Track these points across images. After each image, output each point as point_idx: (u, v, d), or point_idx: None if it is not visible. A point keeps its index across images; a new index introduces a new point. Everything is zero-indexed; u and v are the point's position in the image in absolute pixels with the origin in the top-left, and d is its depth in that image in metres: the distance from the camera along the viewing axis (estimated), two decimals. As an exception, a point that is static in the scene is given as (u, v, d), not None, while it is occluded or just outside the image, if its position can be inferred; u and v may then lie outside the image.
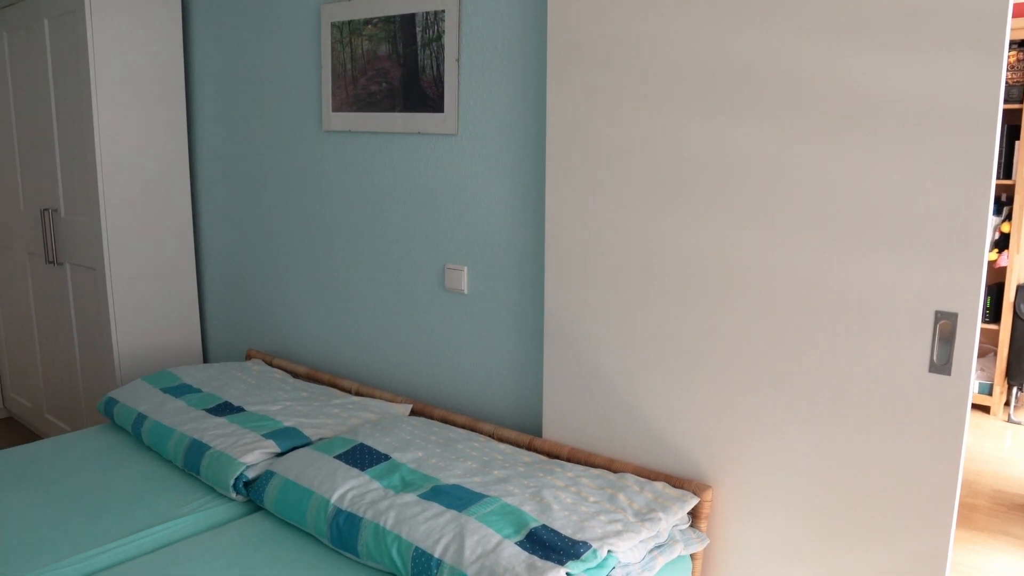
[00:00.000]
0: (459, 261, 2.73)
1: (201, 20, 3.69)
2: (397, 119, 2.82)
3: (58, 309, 4.10)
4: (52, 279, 4.11)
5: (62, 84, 3.73)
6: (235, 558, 2.14)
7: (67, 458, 2.84)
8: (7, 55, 4.18)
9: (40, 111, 3.94)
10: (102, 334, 3.73)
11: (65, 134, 3.77)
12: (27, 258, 4.34)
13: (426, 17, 2.68)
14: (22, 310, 4.52)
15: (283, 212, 3.40)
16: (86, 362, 3.94)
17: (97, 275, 3.68)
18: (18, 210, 4.34)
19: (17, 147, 4.25)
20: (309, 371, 3.22)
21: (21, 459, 2.84)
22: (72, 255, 3.86)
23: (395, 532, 2.01)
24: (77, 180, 3.73)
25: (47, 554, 2.21)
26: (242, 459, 2.45)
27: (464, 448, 2.38)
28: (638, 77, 2.16)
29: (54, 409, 4.38)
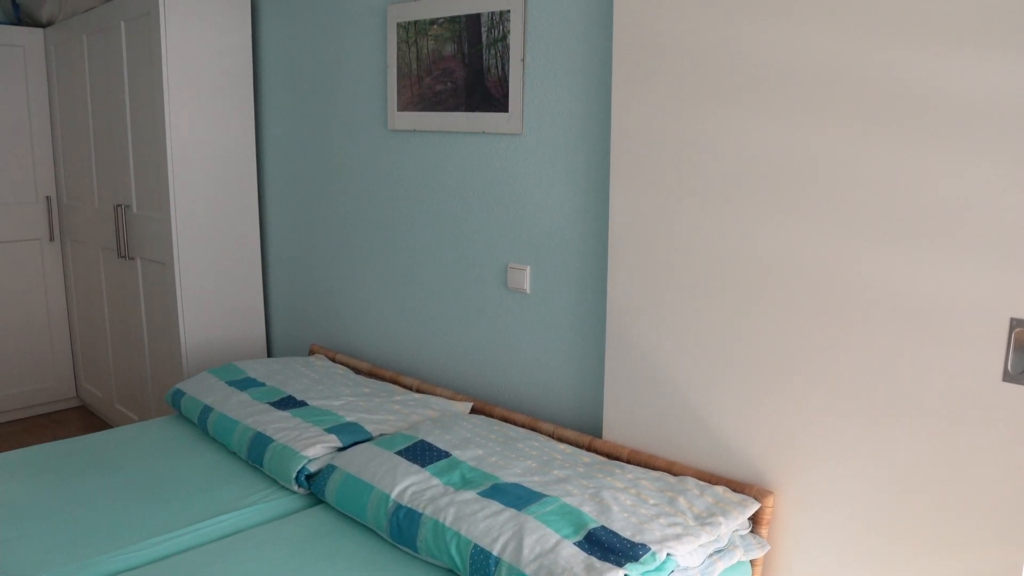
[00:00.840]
0: (522, 260, 2.74)
1: (270, 21, 3.76)
2: (461, 118, 2.84)
3: (129, 303, 4.21)
4: (124, 273, 4.22)
5: (136, 84, 3.83)
6: (296, 549, 2.17)
7: (136, 447, 2.91)
8: (86, 57, 4.31)
9: (115, 110, 4.05)
10: (170, 327, 3.82)
11: (138, 132, 3.87)
12: (100, 253, 4.46)
13: (491, 17, 2.69)
14: (95, 303, 4.65)
15: (348, 210, 3.44)
16: (155, 354, 4.04)
17: (166, 270, 3.77)
18: (93, 206, 4.46)
19: (93, 145, 4.37)
20: (371, 367, 3.25)
21: (93, 447, 2.93)
22: (143, 250, 3.96)
23: (454, 529, 2.02)
24: (149, 177, 3.83)
25: (117, 538, 2.27)
26: (304, 452, 2.49)
27: (524, 447, 2.38)
28: (705, 77, 2.13)
29: (124, 399, 4.49)
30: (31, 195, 4.94)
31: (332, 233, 3.54)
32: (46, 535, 2.30)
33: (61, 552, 2.21)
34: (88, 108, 4.37)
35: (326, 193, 3.55)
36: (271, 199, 3.92)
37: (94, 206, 4.45)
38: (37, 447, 2.95)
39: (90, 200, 4.49)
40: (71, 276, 4.98)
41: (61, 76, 4.68)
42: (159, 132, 3.67)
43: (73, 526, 2.35)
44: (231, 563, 2.10)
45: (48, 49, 4.81)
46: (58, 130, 4.84)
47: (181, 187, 3.67)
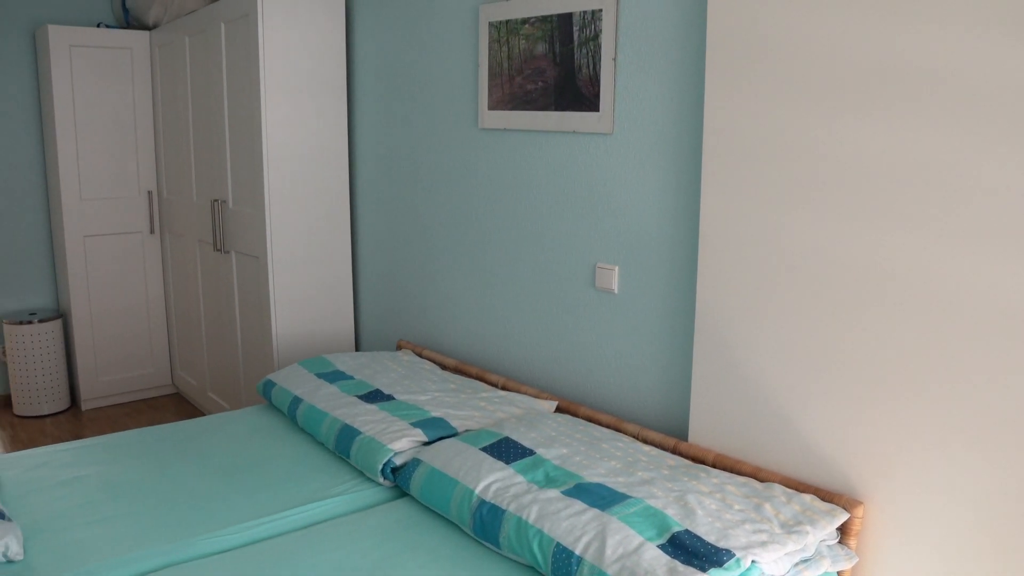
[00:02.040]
0: (610, 260, 2.73)
1: (363, 22, 3.82)
2: (552, 118, 2.84)
3: (223, 295, 4.34)
4: (219, 266, 4.34)
5: (235, 83, 3.94)
6: (380, 540, 2.21)
7: (227, 434, 3.00)
8: (188, 58, 4.45)
9: (214, 109, 4.18)
10: (262, 319, 3.92)
11: (236, 130, 3.98)
12: (197, 246, 4.61)
13: (583, 16, 2.69)
14: (191, 295, 4.81)
15: (437, 207, 3.48)
16: (247, 345, 4.15)
17: (260, 263, 3.87)
18: (191, 201, 4.61)
19: (193, 142, 4.52)
20: (458, 363, 3.28)
21: (187, 433, 3.03)
22: (238, 244, 4.07)
23: (537, 526, 2.03)
24: (245, 173, 3.94)
25: (209, 522, 2.35)
26: (391, 446, 2.53)
27: (608, 447, 2.37)
28: (800, 77, 2.09)
29: (216, 388, 4.63)
30: (134, 190, 5.13)
31: (422, 230, 3.59)
32: (144, 515, 2.39)
33: (158, 531, 2.29)
34: (188, 107, 4.52)
35: (416, 190, 3.59)
36: (362, 196, 3.99)
37: (192, 201, 4.60)
38: (136, 431, 3.06)
39: (188, 195, 4.65)
40: (169, 268, 5.16)
41: (164, 76, 4.86)
42: (255, 130, 3.77)
43: (168, 507, 2.43)
44: (317, 551, 2.15)
45: (153, 51, 4.99)
46: (160, 128, 5.02)
47: (275, 183, 3.77)
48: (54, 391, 5.06)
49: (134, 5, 4.98)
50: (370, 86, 3.84)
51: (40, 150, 5.19)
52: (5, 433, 4.80)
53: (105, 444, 2.94)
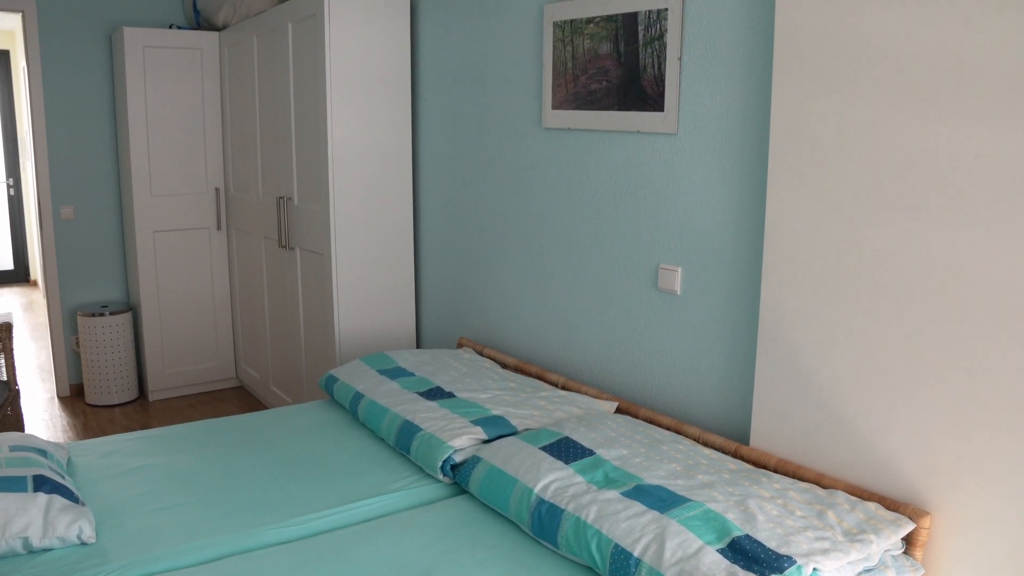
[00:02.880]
0: (673, 261, 2.71)
1: (428, 21, 3.85)
2: (616, 117, 2.83)
3: (287, 290, 4.41)
4: (283, 262, 4.42)
5: (301, 82, 4.00)
6: (439, 536, 2.22)
7: (290, 428, 3.05)
8: (255, 57, 4.53)
9: (281, 107, 4.25)
10: (325, 315, 3.97)
11: (302, 128, 4.04)
12: (263, 242, 4.69)
13: (648, 15, 2.67)
14: (256, 290, 4.90)
15: (499, 206, 3.49)
16: (309, 340, 4.21)
17: (324, 260, 3.93)
18: (257, 198, 4.70)
19: (259, 141, 4.60)
20: (518, 362, 3.29)
21: (251, 425, 3.08)
22: (302, 240, 4.13)
23: (596, 527, 2.02)
24: (310, 171, 3.99)
25: (271, 512, 2.39)
26: (451, 443, 2.54)
27: (669, 450, 2.36)
28: (873, 74, 2.05)
29: (279, 382, 4.71)
30: (202, 186, 5.25)
31: (483, 229, 3.60)
32: (209, 504, 2.44)
33: (221, 521, 2.34)
34: (256, 105, 4.60)
35: (478, 189, 3.61)
36: (425, 194, 4.02)
37: (258, 198, 4.68)
38: (201, 422, 3.13)
39: (254, 192, 4.73)
40: (235, 263, 5.26)
41: (233, 76, 4.95)
42: (321, 128, 3.82)
43: (232, 498, 2.48)
44: (376, 545, 2.17)
45: (222, 51, 5.09)
46: (228, 126, 5.12)
47: (340, 181, 3.81)
48: (123, 382, 5.20)
49: (205, 6, 5.09)
50: (434, 85, 3.86)
51: (114, 148, 5.34)
52: (77, 421, 4.95)
53: (172, 434, 3.01)
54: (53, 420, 4.99)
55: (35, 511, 2.17)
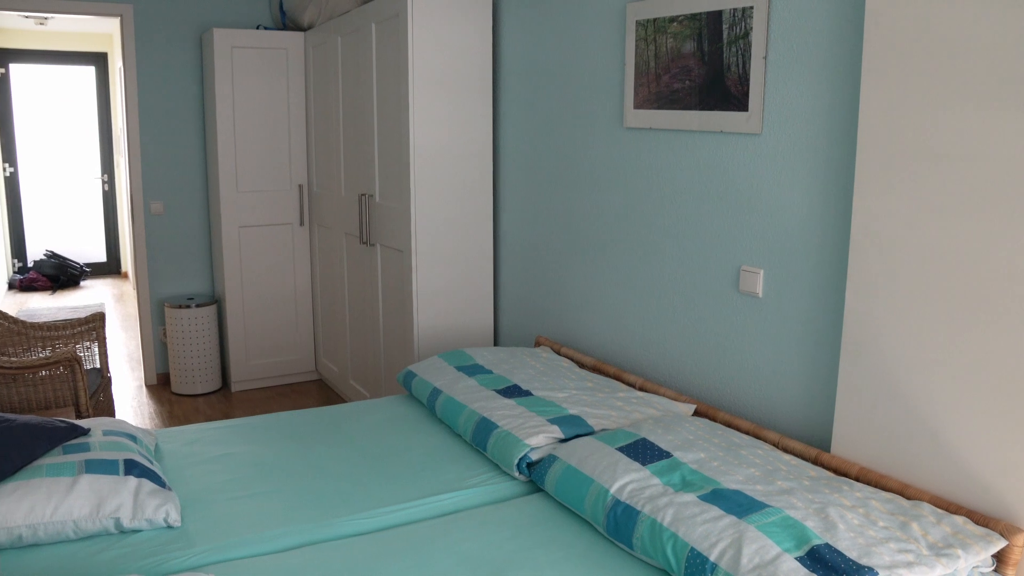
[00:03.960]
0: (755, 263, 2.67)
1: (510, 21, 3.87)
2: (698, 117, 2.80)
3: (367, 286, 4.48)
4: (364, 258, 4.49)
5: (384, 82, 4.05)
6: (513, 533, 2.23)
7: (368, 422, 3.10)
8: (339, 57, 4.62)
9: (363, 106, 4.31)
10: (404, 311, 4.02)
11: (384, 127, 4.10)
12: (344, 238, 4.78)
13: (733, 14, 2.64)
14: (337, 285, 4.98)
15: (579, 206, 3.48)
16: (388, 336, 4.27)
17: (404, 257, 3.97)
18: (339, 195, 4.78)
19: (342, 139, 4.68)
20: (595, 362, 3.28)
21: (330, 418, 3.14)
22: (383, 237, 4.19)
23: (672, 530, 2.00)
24: (392, 169, 4.05)
25: (349, 504, 2.43)
26: (527, 441, 2.55)
27: (747, 454, 2.32)
28: (966, 74, 1.99)
29: (358, 376, 4.78)
30: (286, 183, 5.36)
31: (563, 228, 3.60)
32: (288, 494, 2.50)
33: (300, 511, 2.39)
34: (339, 104, 4.68)
35: (559, 188, 3.61)
36: (505, 193, 4.04)
37: (340, 195, 4.76)
38: (282, 414, 3.20)
39: (337, 189, 4.82)
40: (316, 259, 5.36)
41: (317, 75, 5.05)
42: (403, 127, 3.87)
43: (311, 488, 2.53)
44: (452, 540, 2.19)
45: (307, 51, 5.20)
46: (312, 125, 5.23)
47: (421, 179, 3.86)
48: (207, 372, 5.35)
49: (291, 7, 5.20)
50: (515, 84, 3.88)
51: (202, 146, 5.50)
52: (163, 409, 5.11)
53: (253, 425, 3.08)
54: (141, 407, 5.16)
55: (126, 494, 2.25)
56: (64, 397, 3.78)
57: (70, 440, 2.47)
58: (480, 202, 4.01)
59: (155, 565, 2.10)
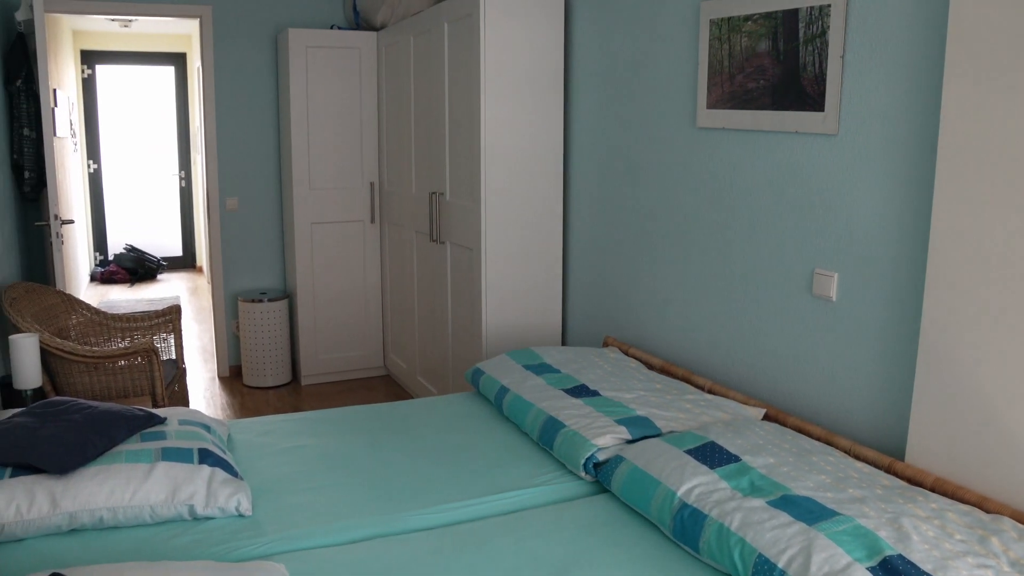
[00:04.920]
0: (829, 267, 2.62)
1: (582, 20, 3.86)
2: (773, 117, 2.76)
3: (437, 283, 4.51)
4: (434, 256, 4.52)
5: (456, 81, 4.08)
6: (578, 533, 2.23)
7: (436, 418, 3.12)
8: (411, 56, 4.66)
9: (435, 105, 4.35)
10: (473, 309, 4.04)
11: (455, 126, 4.12)
12: (414, 236, 4.82)
13: (810, 12, 2.59)
14: (406, 282, 5.04)
15: (650, 206, 3.46)
16: (457, 333, 4.30)
17: (473, 255, 4.00)
18: (410, 193, 4.83)
19: (414, 137, 4.73)
20: (664, 364, 3.25)
21: (398, 413, 3.18)
22: (453, 235, 4.22)
23: (739, 535, 1.98)
24: (462, 167, 4.07)
25: (416, 499, 2.45)
26: (594, 441, 2.54)
27: (818, 460, 2.28)
28: (1058, 75, 1.92)
29: (425, 372, 4.83)
30: (357, 181, 5.44)
31: (633, 228, 3.58)
32: (356, 487, 2.53)
33: (367, 504, 2.42)
34: (411, 103, 4.73)
35: (629, 188, 3.59)
36: (575, 192, 4.03)
37: (411, 193, 4.81)
38: (351, 408, 3.25)
39: (408, 187, 4.87)
40: (387, 256, 5.43)
41: (389, 74, 5.11)
42: (474, 126, 3.89)
43: (378, 482, 2.56)
44: (517, 538, 2.20)
45: (380, 50, 5.26)
46: (384, 123, 5.29)
47: (492, 178, 3.87)
48: (278, 365, 5.45)
49: (364, 7, 5.27)
50: (587, 84, 3.87)
51: (276, 144, 5.61)
52: (235, 400, 5.22)
53: (323, 418, 3.13)
54: (213, 398, 5.28)
55: (200, 482, 2.31)
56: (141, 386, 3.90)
57: (148, 428, 2.55)
58: (550, 201, 4.01)
59: (226, 552, 2.15)
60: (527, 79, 3.88)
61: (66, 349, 3.67)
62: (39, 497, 2.18)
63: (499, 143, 3.86)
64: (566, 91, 4.03)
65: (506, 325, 4.00)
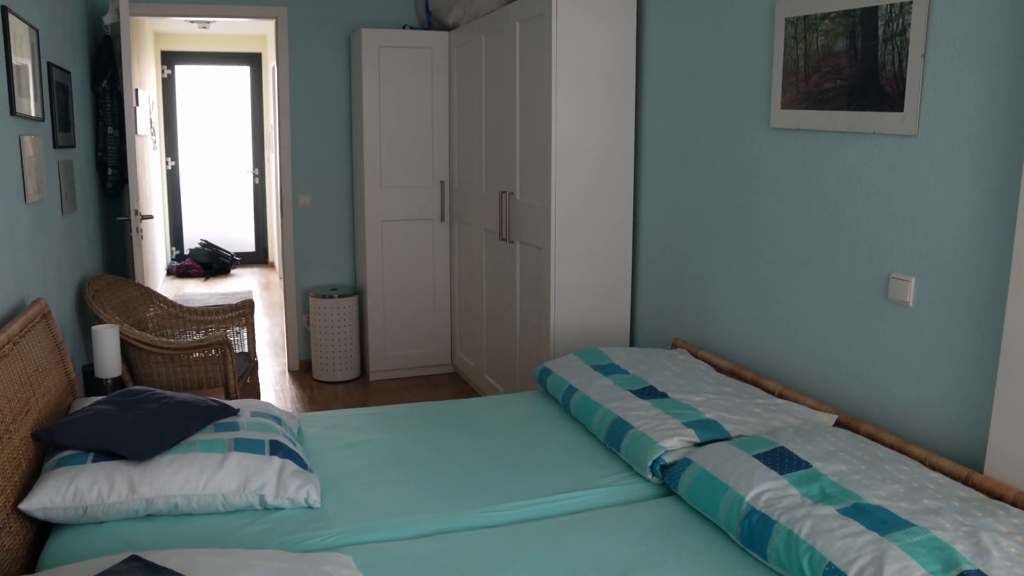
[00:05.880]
0: (907, 271, 2.55)
1: (654, 19, 3.83)
2: (850, 118, 2.70)
3: (505, 282, 4.52)
4: (503, 255, 4.54)
5: (527, 80, 4.09)
6: (644, 535, 2.21)
7: (503, 416, 3.13)
8: (483, 56, 4.68)
9: (506, 105, 4.36)
10: (542, 308, 4.05)
11: (526, 126, 4.13)
12: (484, 234, 4.84)
13: (890, 10, 2.53)
14: (475, 280, 5.06)
15: (721, 207, 3.42)
16: (525, 332, 4.30)
17: (542, 254, 4.00)
18: (480, 191, 4.85)
19: (484, 137, 4.75)
20: (733, 367, 3.21)
21: (465, 411, 3.19)
22: (522, 234, 4.23)
23: (809, 542, 1.95)
24: (532, 167, 4.08)
25: (482, 496, 2.47)
26: (662, 443, 2.52)
27: (891, 469, 2.23)
28: None
29: (492, 371, 4.84)
30: (428, 179, 5.48)
31: (703, 229, 3.55)
32: (423, 482, 2.55)
33: (434, 500, 2.44)
34: (482, 103, 4.75)
35: (700, 189, 3.55)
36: (645, 193, 4.01)
37: (481, 192, 4.83)
38: (418, 404, 3.28)
39: (478, 186, 4.89)
40: (455, 254, 5.46)
41: (460, 74, 5.14)
42: (545, 126, 3.89)
43: (444, 479, 2.58)
44: (581, 538, 2.19)
45: (451, 50, 5.30)
46: (454, 122, 5.32)
47: (562, 178, 3.87)
48: (347, 360, 5.53)
49: (436, 8, 5.31)
50: (659, 84, 3.84)
51: (348, 142, 5.69)
52: (304, 394, 5.31)
53: (391, 413, 3.17)
54: (283, 391, 5.38)
55: (270, 472, 2.35)
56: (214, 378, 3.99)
57: (221, 419, 2.61)
58: (620, 201, 3.99)
59: (295, 542, 2.19)
60: (598, 78, 3.87)
61: (145, 340, 3.78)
62: (119, 482, 2.25)
63: (570, 142, 3.85)
64: (637, 90, 4.01)
65: (574, 325, 3.99)
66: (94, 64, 4.90)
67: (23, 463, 2.37)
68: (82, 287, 4.21)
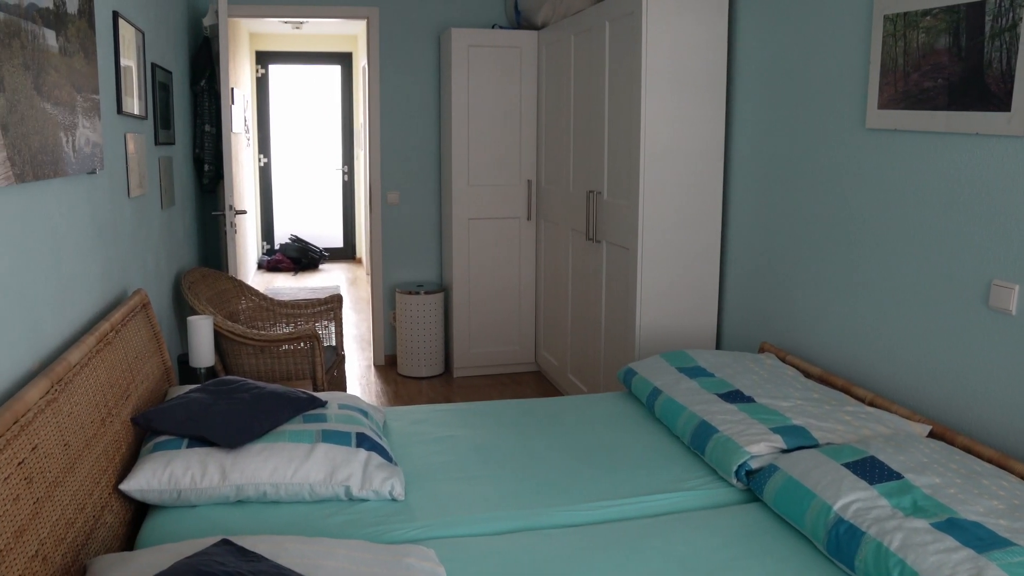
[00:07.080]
0: (1010, 278, 2.45)
1: (746, 18, 3.76)
2: (951, 118, 2.61)
3: (591, 282, 4.51)
4: (589, 254, 4.52)
5: (616, 79, 4.07)
6: (728, 541, 2.18)
7: (586, 416, 3.13)
8: (572, 55, 4.68)
9: (594, 103, 4.34)
10: (627, 309, 4.02)
11: (614, 125, 4.11)
12: (570, 234, 4.84)
13: (999, 4, 2.43)
14: (560, 279, 5.06)
15: (813, 210, 3.34)
16: (609, 332, 4.28)
17: (629, 255, 3.97)
18: (567, 191, 4.85)
19: (572, 136, 4.74)
20: (822, 373, 3.13)
21: (549, 410, 3.20)
22: (609, 234, 4.21)
23: (899, 556, 1.89)
24: (620, 167, 4.05)
25: (563, 496, 2.47)
26: (748, 448, 2.48)
27: (989, 484, 2.14)
28: None
29: (576, 370, 4.84)
30: (515, 178, 5.51)
31: (794, 232, 3.47)
32: (505, 479, 2.56)
33: (516, 497, 2.45)
34: (570, 102, 4.74)
35: (791, 190, 3.48)
36: (734, 194, 3.94)
37: (568, 191, 4.83)
38: (502, 402, 3.29)
39: (565, 185, 4.89)
40: (542, 253, 5.47)
41: (549, 73, 5.14)
42: (634, 125, 3.86)
43: (527, 476, 2.59)
44: (665, 542, 2.17)
45: (540, 49, 5.30)
46: (542, 121, 5.33)
47: (650, 178, 3.84)
48: (432, 356, 5.59)
49: (526, 7, 5.32)
50: (749, 83, 3.77)
51: (437, 140, 5.75)
52: (389, 388, 5.39)
53: (475, 410, 3.19)
54: (369, 385, 5.47)
55: (356, 464, 2.39)
56: (302, 370, 4.08)
57: (309, 410, 2.66)
58: (708, 202, 3.93)
59: (379, 534, 2.22)
60: (688, 77, 3.82)
61: (237, 332, 3.89)
62: (211, 468, 2.32)
63: (658, 142, 3.82)
64: (728, 89, 3.94)
65: (660, 326, 3.95)
66: (193, 64, 5.06)
67: (123, 446, 2.47)
68: (178, 279, 4.36)
